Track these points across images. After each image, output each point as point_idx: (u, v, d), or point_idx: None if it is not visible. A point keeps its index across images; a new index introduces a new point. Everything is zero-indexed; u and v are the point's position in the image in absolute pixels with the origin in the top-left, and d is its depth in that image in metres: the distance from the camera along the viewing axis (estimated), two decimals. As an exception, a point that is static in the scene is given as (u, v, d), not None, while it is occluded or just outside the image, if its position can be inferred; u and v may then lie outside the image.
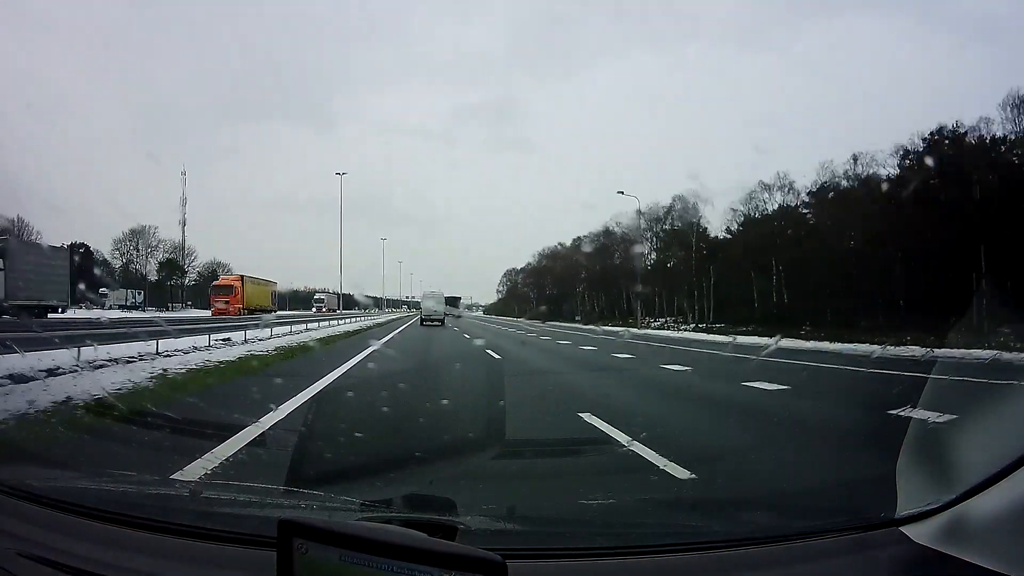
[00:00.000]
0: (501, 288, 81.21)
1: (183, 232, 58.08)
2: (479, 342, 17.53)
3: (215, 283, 43.58)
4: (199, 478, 3.06)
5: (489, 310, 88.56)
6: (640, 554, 1.23)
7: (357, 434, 3.83)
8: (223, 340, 13.64)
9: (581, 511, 2.00)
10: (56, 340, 8.13)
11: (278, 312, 37.79)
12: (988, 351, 13.03)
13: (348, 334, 20.81)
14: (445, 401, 5.96)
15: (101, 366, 8.01)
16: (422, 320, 39.35)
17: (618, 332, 27.63)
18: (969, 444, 1.31)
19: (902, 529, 1.24)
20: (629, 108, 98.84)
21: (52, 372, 7.01)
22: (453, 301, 70.69)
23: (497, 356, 12.72)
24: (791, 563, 1.22)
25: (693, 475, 3.39)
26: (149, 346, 10.12)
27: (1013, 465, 1.09)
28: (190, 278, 62.53)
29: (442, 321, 39.31)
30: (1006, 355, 12.60)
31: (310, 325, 23.35)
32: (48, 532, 1.26)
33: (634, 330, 30.63)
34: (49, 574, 1.12)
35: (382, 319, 42.02)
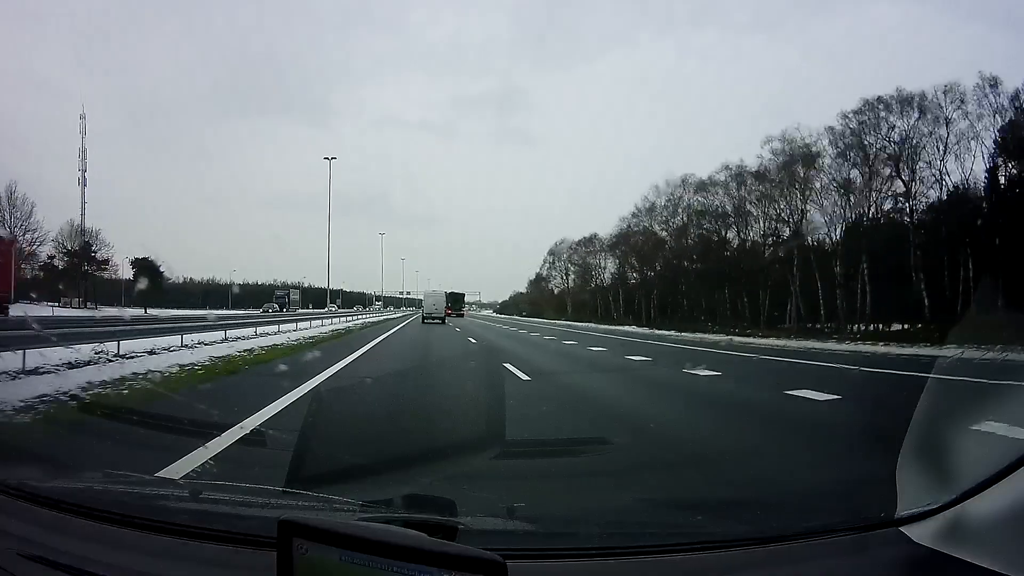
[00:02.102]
0: (547, 269, 60.10)
1: (83, 193, 41.89)
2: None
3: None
4: (189, 474, 3.06)
5: (505, 308, 78.40)
6: (640, 554, 1.23)
7: (357, 433, 3.83)
8: None
9: (581, 511, 2.00)
10: None
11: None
12: None
13: None
14: (445, 401, 5.97)
15: None
16: (423, 318, 41.91)
17: None
18: (969, 444, 1.31)
19: (902, 529, 1.24)
20: (640, 97, 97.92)
21: None
22: (456, 299, 63.04)
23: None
24: (791, 563, 1.22)
25: None
26: None
27: (1013, 465, 1.09)
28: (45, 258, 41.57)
29: (443, 319, 41.50)
30: None
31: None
32: (48, 532, 1.26)
33: None
34: (49, 574, 1.12)
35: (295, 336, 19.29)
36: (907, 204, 28.25)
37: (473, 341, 18.66)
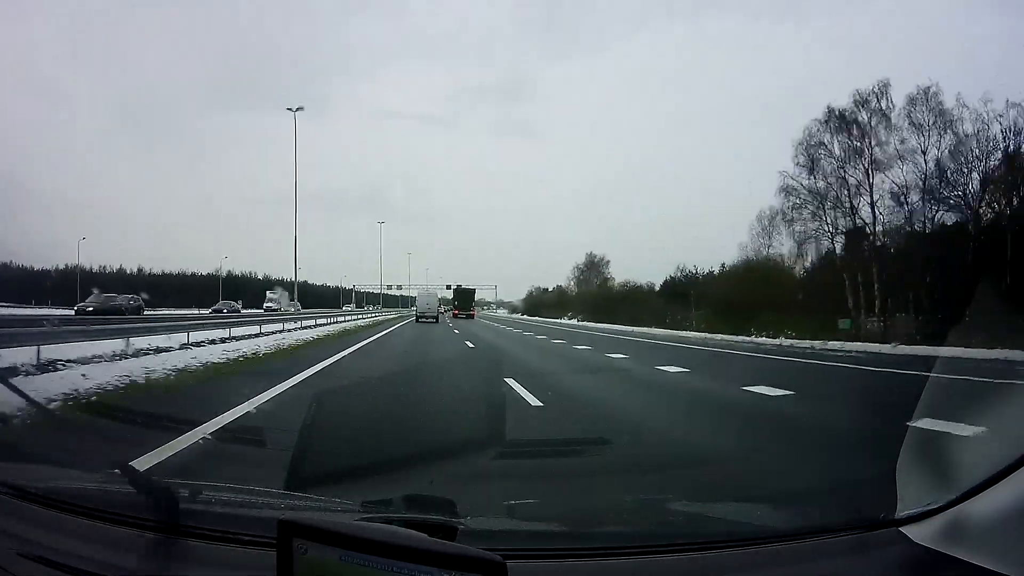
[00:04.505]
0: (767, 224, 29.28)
1: None
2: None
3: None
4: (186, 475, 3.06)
5: (528, 308, 59.09)
6: (640, 554, 1.23)
7: (357, 434, 3.84)
8: None
9: (581, 511, 2.00)
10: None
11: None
12: None
13: None
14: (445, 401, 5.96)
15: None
16: (417, 318, 40.40)
17: None
18: (969, 444, 1.32)
19: (902, 529, 1.24)
20: (665, 84, 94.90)
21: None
22: (464, 297, 48.36)
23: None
24: (791, 563, 1.22)
25: None
26: None
27: (1013, 465, 1.09)
28: None
29: (436, 318, 40.06)
30: None
31: None
32: (48, 532, 1.26)
33: None
34: (49, 574, 1.12)
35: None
36: None
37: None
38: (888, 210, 24.26)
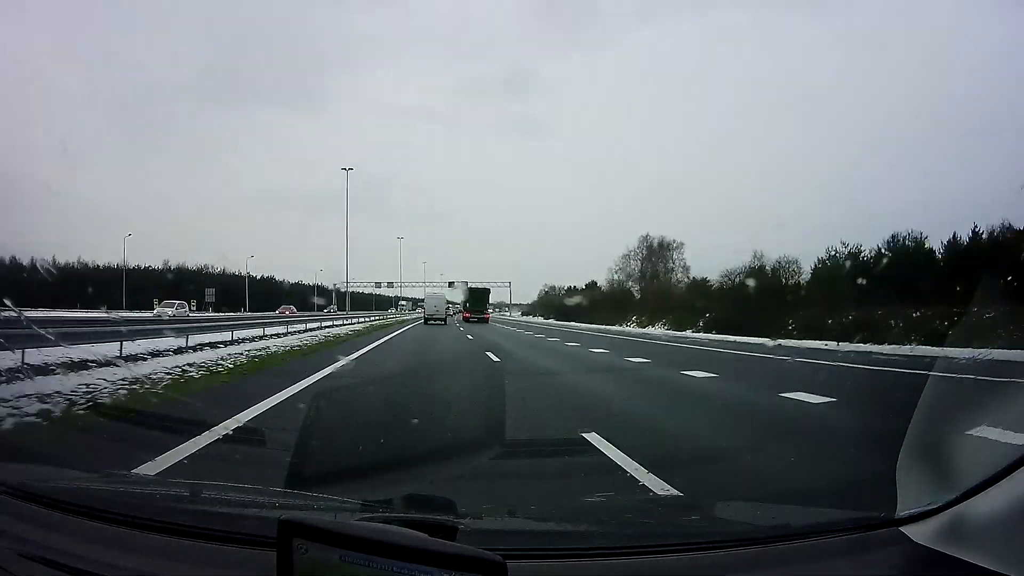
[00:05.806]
0: None
1: None
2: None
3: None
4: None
5: (545, 310, 52.21)
6: (640, 554, 1.23)
7: (357, 434, 3.84)
8: None
9: (581, 511, 2.00)
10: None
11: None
12: None
13: None
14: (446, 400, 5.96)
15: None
16: (425, 319, 40.02)
17: None
18: (969, 444, 1.31)
19: (902, 529, 1.24)
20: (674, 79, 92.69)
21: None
22: (477, 297, 44.47)
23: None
24: (791, 563, 1.22)
25: None
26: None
27: (1013, 465, 1.09)
28: None
29: (444, 320, 39.73)
30: None
31: None
32: (48, 532, 1.26)
33: None
34: (49, 574, 1.12)
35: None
36: None
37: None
38: None
